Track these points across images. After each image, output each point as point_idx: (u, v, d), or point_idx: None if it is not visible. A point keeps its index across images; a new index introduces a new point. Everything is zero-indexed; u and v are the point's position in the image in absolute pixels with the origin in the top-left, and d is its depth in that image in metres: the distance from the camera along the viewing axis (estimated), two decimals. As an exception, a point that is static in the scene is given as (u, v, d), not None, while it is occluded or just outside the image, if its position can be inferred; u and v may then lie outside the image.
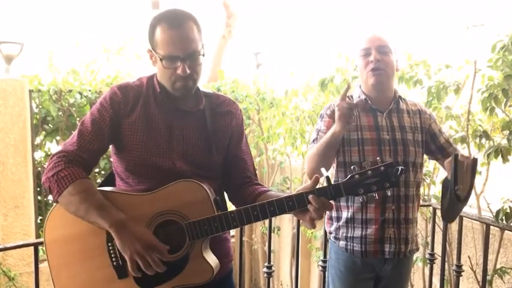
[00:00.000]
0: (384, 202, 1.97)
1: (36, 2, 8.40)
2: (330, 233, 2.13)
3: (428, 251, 2.93)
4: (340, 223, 2.06)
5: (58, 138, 5.04)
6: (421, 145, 2.08)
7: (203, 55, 1.51)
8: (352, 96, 2.10)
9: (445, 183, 1.91)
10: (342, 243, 2.05)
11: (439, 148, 2.12)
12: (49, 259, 1.50)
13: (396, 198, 1.98)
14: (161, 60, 1.46)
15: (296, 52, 7.49)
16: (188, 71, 1.46)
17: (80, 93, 5.03)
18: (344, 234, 2.05)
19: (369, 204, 1.97)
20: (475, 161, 1.82)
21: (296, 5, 7.98)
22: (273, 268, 2.67)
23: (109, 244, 1.46)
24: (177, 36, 1.45)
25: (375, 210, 1.98)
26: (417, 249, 2.14)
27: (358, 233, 2.01)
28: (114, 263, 1.47)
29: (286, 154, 5.09)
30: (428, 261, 2.89)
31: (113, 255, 1.46)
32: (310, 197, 1.38)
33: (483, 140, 2.85)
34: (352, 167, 1.42)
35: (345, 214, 2.05)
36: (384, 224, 1.98)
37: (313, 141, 2.06)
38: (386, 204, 1.98)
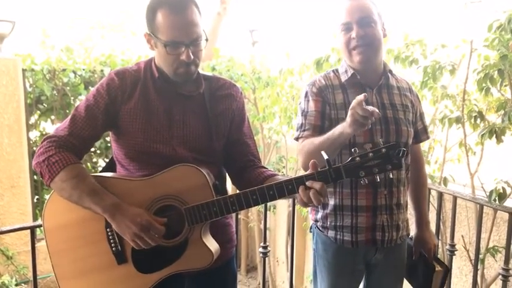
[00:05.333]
0: (376, 187, 1.80)
1: (27, -22, 8.24)
2: (316, 221, 1.95)
3: (423, 230, 2.95)
4: (328, 211, 1.89)
5: (53, 117, 5.01)
6: (412, 124, 1.92)
7: (206, 40, 1.48)
8: (337, 70, 1.91)
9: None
10: (331, 232, 1.88)
11: (415, 132, 1.99)
12: (49, 245, 1.51)
13: (388, 182, 1.82)
14: (165, 46, 1.43)
15: (292, 29, 7.41)
16: (192, 57, 1.45)
17: (74, 72, 4.98)
18: (332, 223, 1.88)
19: (359, 189, 1.81)
20: (447, 270, 2.05)
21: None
22: (268, 248, 2.70)
23: (108, 230, 1.47)
24: (181, 22, 1.41)
25: (366, 196, 1.81)
26: (408, 235, 2.01)
27: (348, 221, 1.84)
28: (113, 249, 1.47)
29: (282, 133, 5.09)
30: (422, 240, 2.91)
31: (111, 241, 1.47)
32: (309, 182, 1.36)
33: (478, 120, 2.86)
34: (353, 149, 1.38)
35: (332, 201, 1.87)
36: (376, 211, 1.83)
37: (301, 127, 1.84)
38: (378, 189, 1.81)
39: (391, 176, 1.61)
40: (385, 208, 1.84)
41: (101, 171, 1.66)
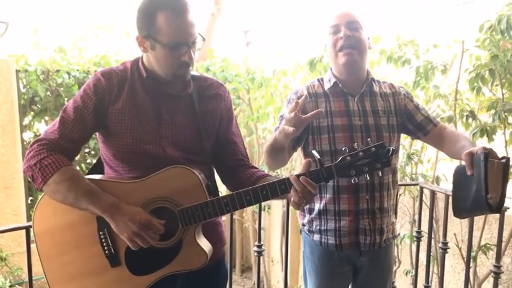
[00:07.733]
0: (357, 192, 1.84)
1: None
2: (303, 225, 2.02)
3: (416, 229, 2.98)
4: (313, 215, 1.94)
5: (47, 118, 4.99)
6: (396, 129, 1.93)
7: (204, 39, 1.49)
8: (322, 79, 1.97)
9: (460, 172, 1.56)
10: (316, 236, 1.94)
11: (417, 126, 1.95)
12: (39, 249, 1.49)
13: (370, 187, 1.84)
14: (168, 48, 1.43)
15: (285, 30, 7.43)
16: (193, 58, 1.47)
17: (68, 73, 4.96)
18: (318, 227, 1.93)
19: (342, 194, 1.85)
20: (507, 162, 1.49)
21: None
22: (263, 247, 2.71)
23: (100, 233, 1.46)
24: (184, 24, 1.41)
25: (348, 200, 1.85)
26: (394, 237, 2.01)
27: (331, 225, 1.89)
28: (107, 252, 1.46)
29: (276, 133, 5.09)
30: (415, 239, 2.94)
31: (104, 244, 1.46)
32: (302, 178, 1.38)
33: (470, 120, 2.89)
34: (343, 149, 1.42)
35: (317, 206, 1.92)
36: (358, 215, 1.86)
37: (275, 129, 1.85)
38: (359, 194, 1.84)
39: (375, 181, 1.82)
40: (367, 212, 1.87)
41: (88, 173, 1.63)
